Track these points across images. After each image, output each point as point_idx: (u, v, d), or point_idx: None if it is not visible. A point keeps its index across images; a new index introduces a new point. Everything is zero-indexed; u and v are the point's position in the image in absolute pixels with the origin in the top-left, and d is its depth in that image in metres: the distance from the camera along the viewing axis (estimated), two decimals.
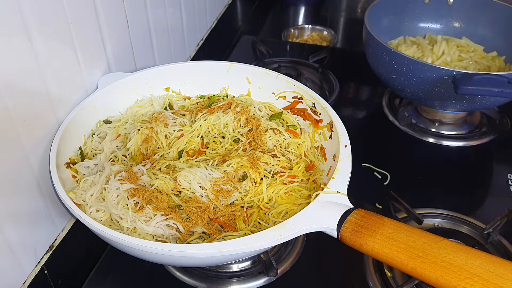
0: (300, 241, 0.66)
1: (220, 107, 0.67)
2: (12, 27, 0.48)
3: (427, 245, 0.43)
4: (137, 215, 0.52)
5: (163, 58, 0.84)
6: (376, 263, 0.63)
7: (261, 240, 0.45)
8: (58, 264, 0.60)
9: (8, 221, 0.51)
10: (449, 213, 0.70)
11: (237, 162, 0.57)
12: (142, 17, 0.75)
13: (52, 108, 0.57)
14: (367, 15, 0.88)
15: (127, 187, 0.54)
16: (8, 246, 0.52)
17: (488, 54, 0.93)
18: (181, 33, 0.91)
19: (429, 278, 0.41)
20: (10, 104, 0.49)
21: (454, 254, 0.41)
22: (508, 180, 0.78)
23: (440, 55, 0.91)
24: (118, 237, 0.46)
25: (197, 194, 0.55)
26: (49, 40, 0.53)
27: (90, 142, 0.63)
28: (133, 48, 0.74)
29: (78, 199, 0.54)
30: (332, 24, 1.35)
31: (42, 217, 0.57)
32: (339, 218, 0.47)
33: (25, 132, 0.52)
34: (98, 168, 0.59)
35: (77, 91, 0.62)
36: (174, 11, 0.86)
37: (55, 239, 0.61)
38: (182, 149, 0.63)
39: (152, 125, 0.63)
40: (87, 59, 0.62)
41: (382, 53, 0.80)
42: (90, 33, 0.62)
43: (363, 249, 0.46)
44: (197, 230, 0.53)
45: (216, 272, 0.62)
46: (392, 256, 0.46)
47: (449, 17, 0.99)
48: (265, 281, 0.61)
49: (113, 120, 0.67)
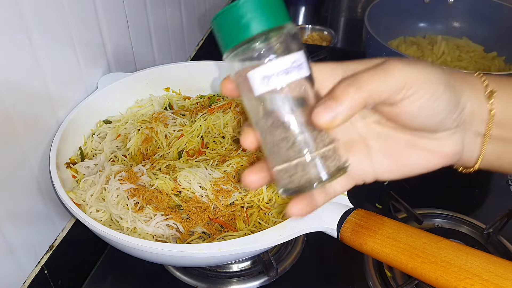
0: (300, 241, 0.66)
1: (220, 107, 0.67)
2: (12, 27, 0.48)
3: (427, 245, 0.43)
4: (137, 215, 0.52)
5: (163, 58, 0.84)
6: (376, 263, 0.63)
7: (261, 240, 0.45)
8: (58, 264, 0.60)
9: (8, 221, 0.51)
10: (449, 213, 0.70)
11: (237, 162, 0.57)
12: (142, 17, 0.75)
13: (52, 108, 0.57)
14: (367, 15, 0.88)
15: (127, 187, 0.54)
16: (8, 246, 0.52)
17: (488, 54, 0.93)
18: (181, 33, 0.91)
19: (429, 278, 0.41)
20: (10, 104, 0.49)
21: (454, 254, 0.41)
22: (508, 180, 0.78)
23: (440, 55, 0.91)
24: (118, 237, 0.46)
25: (197, 194, 0.55)
26: (49, 40, 0.53)
27: (90, 142, 0.63)
28: (133, 48, 0.74)
29: (78, 199, 0.54)
30: (332, 24, 1.35)
31: (42, 217, 0.57)
32: (339, 218, 0.47)
33: (25, 132, 0.52)
34: (98, 168, 0.59)
35: (77, 91, 0.62)
36: (174, 11, 0.86)
37: (55, 239, 0.61)
38: (182, 149, 0.63)
39: (152, 125, 0.63)
40: (87, 59, 0.62)
41: (382, 53, 0.80)
42: (90, 33, 0.62)
43: (363, 249, 0.46)
44: (197, 230, 0.53)
45: (216, 272, 0.62)
46: (392, 256, 0.46)
47: (449, 17, 0.99)
48: (265, 281, 0.61)
49: (113, 120, 0.67)
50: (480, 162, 0.37)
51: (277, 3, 0.31)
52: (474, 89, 0.34)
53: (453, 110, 0.33)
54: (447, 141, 0.35)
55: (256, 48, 0.30)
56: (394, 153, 0.36)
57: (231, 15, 0.30)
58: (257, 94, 0.32)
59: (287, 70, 0.31)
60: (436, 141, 0.35)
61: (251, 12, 0.30)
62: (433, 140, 0.35)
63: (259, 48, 0.30)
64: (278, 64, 0.31)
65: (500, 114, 0.34)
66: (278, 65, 0.31)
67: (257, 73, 0.31)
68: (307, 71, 0.32)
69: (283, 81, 0.31)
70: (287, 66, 0.31)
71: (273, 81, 0.31)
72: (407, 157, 0.36)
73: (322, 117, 0.30)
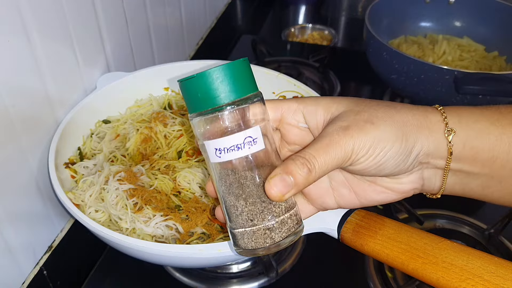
0: (301, 242, 0.65)
1: None
2: (11, 27, 0.47)
3: (428, 246, 0.43)
4: (136, 215, 0.52)
5: (162, 58, 0.84)
6: (377, 264, 0.62)
7: None
8: (57, 264, 0.60)
9: (7, 222, 0.51)
10: (450, 214, 0.69)
11: None
12: (142, 16, 0.75)
13: (51, 108, 0.57)
14: (368, 14, 0.87)
15: (126, 187, 0.54)
16: (7, 246, 0.52)
17: (489, 53, 0.93)
18: (181, 32, 0.91)
19: (430, 279, 0.41)
20: (9, 104, 0.49)
21: (455, 255, 0.41)
22: None
23: (441, 54, 0.91)
24: (117, 237, 0.45)
25: (196, 195, 0.55)
26: (48, 40, 0.53)
27: (89, 142, 0.62)
28: (132, 47, 0.73)
29: (77, 199, 0.54)
30: (332, 23, 1.35)
31: (41, 217, 0.57)
32: (340, 218, 0.46)
33: (24, 132, 0.52)
34: (97, 168, 0.59)
35: (76, 91, 0.62)
36: (173, 10, 0.85)
37: (54, 240, 0.60)
38: (182, 149, 0.62)
39: (151, 125, 0.63)
40: (86, 59, 0.62)
41: (383, 53, 0.80)
42: (89, 32, 0.61)
43: (364, 250, 0.45)
44: (196, 231, 0.53)
45: (216, 273, 0.61)
46: (393, 257, 0.45)
47: (450, 16, 0.99)
48: (265, 282, 0.60)
49: (112, 120, 0.66)
50: (443, 191, 0.40)
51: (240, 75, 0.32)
52: (431, 131, 0.35)
53: (405, 159, 0.35)
54: (404, 179, 0.38)
55: (214, 117, 0.32)
56: (355, 188, 0.40)
57: (196, 83, 0.32)
58: (212, 161, 0.34)
59: (238, 146, 0.32)
60: (395, 180, 0.38)
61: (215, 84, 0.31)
62: (392, 179, 0.38)
63: (217, 117, 0.32)
64: (230, 140, 0.32)
65: (458, 150, 0.36)
66: (229, 140, 0.32)
67: (212, 144, 0.33)
68: (261, 146, 0.33)
69: (233, 156, 0.32)
70: (239, 141, 0.32)
71: (225, 155, 0.33)
72: (366, 192, 0.39)
73: (274, 191, 0.32)
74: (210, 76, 0.31)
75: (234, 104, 0.32)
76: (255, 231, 0.34)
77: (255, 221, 0.34)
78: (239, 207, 0.34)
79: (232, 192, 0.34)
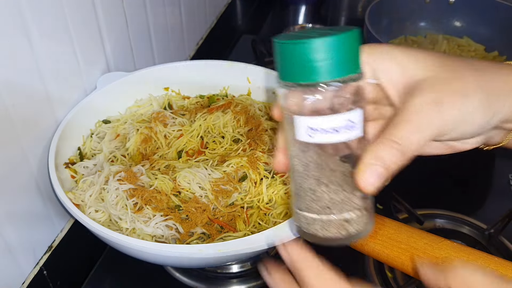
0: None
1: (220, 107, 0.66)
2: (11, 27, 0.47)
3: (428, 246, 0.43)
4: (136, 215, 0.52)
5: (162, 58, 0.84)
6: (377, 264, 0.62)
7: (261, 240, 0.45)
8: (57, 264, 0.60)
9: (7, 222, 0.51)
10: (450, 214, 0.69)
11: (237, 162, 0.57)
12: (141, 16, 0.75)
13: (51, 108, 0.57)
14: (368, 14, 0.87)
15: (126, 187, 0.54)
16: (7, 246, 0.52)
17: (489, 53, 0.93)
18: (181, 32, 0.91)
19: None
20: (9, 104, 0.49)
21: (455, 255, 0.41)
22: (509, 180, 0.77)
23: None
24: (117, 237, 0.45)
25: (196, 195, 0.55)
26: (48, 40, 0.53)
27: (89, 142, 0.62)
28: (132, 47, 0.73)
29: (77, 199, 0.54)
30: (332, 23, 1.34)
31: (41, 217, 0.57)
32: None
33: (24, 132, 0.52)
34: (97, 168, 0.59)
35: (76, 91, 0.62)
36: (173, 10, 0.85)
37: (54, 240, 0.60)
38: (182, 149, 0.62)
39: (151, 125, 0.63)
40: (86, 59, 0.62)
41: None
42: (89, 32, 0.61)
43: (364, 250, 0.45)
44: (196, 231, 0.53)
45: (216, 272, 0.61)
46: (393, 257, 0.45)
47: (450, 16, 0.99)
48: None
49: (112, 120, 0.66)
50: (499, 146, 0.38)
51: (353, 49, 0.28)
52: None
53: (485, 127, 0.33)
54: (470, 140, 0.35)
55: (317, 91, 0.28)
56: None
57: (305, 51, 0.27)
58: (299, 139, 0.30)
59: (336, 129, 0.28)
60: (461, 141, 0.35)
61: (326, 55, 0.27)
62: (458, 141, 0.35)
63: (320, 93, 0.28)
64: (329, 121, 0.28)
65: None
66: (328, 121, 0.28)
67: (305, 121, 0.29)
68: (359, 132, 0.29)
69: (328, 139, 0.29)
70: (339, 124, 0.28)
71: (318, 135, 0.29)
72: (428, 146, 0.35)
73: (369, 183, 0.29)
74: (327, 45, 0.27)
75: (343, 81, 0.28)
76: (332, 220, 0.31)
77: (333, 210, 0.30)
78: (319, 192, 0.30)
79: (313, 175, 0.30)
